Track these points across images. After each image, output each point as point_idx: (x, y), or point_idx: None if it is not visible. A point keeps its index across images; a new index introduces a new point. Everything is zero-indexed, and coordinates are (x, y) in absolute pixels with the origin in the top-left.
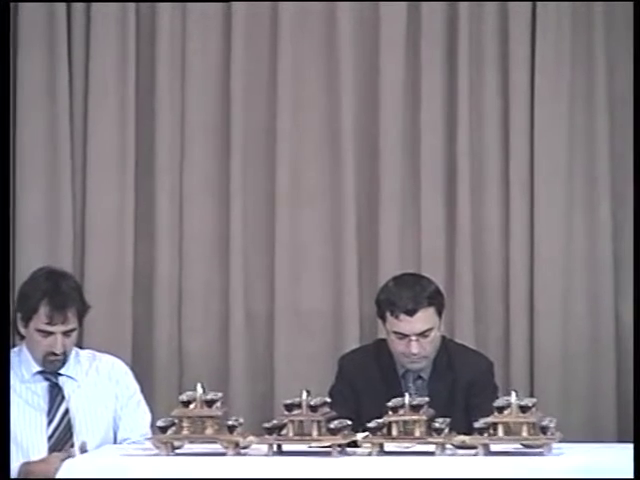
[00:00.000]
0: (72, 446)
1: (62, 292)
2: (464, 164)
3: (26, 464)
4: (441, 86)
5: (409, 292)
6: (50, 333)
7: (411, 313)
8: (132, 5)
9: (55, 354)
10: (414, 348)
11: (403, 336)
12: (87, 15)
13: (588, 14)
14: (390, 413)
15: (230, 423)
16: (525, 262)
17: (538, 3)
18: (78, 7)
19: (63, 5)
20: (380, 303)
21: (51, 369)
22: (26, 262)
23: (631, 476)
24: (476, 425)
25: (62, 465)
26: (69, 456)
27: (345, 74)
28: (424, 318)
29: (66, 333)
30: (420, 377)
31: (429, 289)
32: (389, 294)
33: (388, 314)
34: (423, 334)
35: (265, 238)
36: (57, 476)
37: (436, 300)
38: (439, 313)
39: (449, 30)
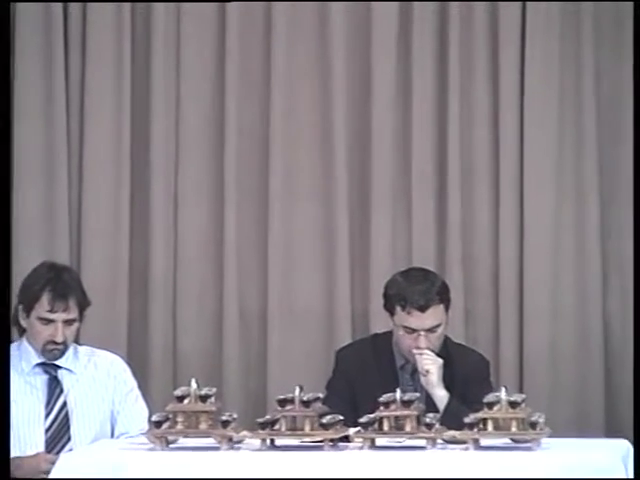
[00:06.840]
0: (69, 439)
1: (64, 281)
2: (454, 163)
3: (17, 458)
4: (432, 86)
5: (420, 287)
6: (51, 321)
7: (423, 309)
8: (127, 5)
9: (56, 342)
10: (422, 343)
11: (412, 331)
12: (83, 15)
13: (576, 15)
14: (382, 408)
15: (224, 418)
16: (515, 260)
17: (528, 4)
18: (75, 7)
19: (60, 5)
20: (389, 297)
21: (50, 358)
22: (22, 261)
23: (619, 470)
24: (466, 420)
25: (58, 459)
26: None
27: (338, 73)
28: (434, 314)
29: (67, 322)
30: (417, 370)
31: (437, 284)
32: (399, 289)
33: (399, 308)
34: (432, 330)
35: (258, 237)
36: (54, 469)
37: (445, 296)
38: (447, 309)
39: (440, 30)
